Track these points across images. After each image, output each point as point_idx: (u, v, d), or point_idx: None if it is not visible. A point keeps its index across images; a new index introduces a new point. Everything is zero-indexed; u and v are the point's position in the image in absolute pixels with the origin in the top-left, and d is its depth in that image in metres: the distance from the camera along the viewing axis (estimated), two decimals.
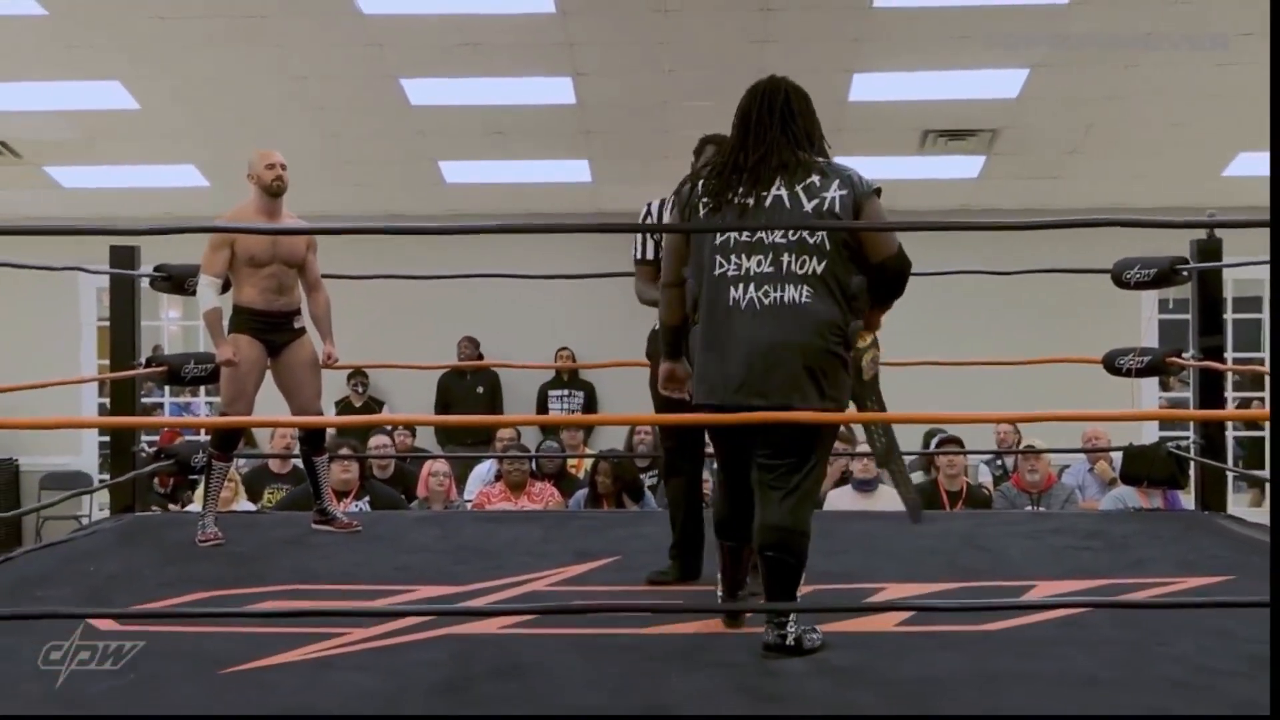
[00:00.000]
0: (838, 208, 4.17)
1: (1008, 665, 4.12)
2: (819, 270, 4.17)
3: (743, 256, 4.21)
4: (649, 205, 5.34)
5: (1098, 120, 10.89)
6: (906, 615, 4.65)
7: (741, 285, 4.19)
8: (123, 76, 10.30)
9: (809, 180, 4.24)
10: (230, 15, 9.30)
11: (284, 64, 10.05)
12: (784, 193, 4.24)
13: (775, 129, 4.34)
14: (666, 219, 4.98)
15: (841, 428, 10.12)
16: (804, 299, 4.16)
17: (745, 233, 4.21)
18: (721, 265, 4.23)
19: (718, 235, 4.24)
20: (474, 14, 9.29)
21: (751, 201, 4.25)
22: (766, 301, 4.17)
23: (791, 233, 4.18)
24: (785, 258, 4.18)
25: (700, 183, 4.36)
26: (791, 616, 4.20)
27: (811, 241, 4.17)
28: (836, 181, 4.22)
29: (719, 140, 5.12)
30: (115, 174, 12.06)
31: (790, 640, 4.18)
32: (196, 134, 11.26)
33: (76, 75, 10.22)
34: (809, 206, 4.19)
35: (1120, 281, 6.96)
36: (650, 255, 5.31)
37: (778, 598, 4.25)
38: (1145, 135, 11.12)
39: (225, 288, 6.24)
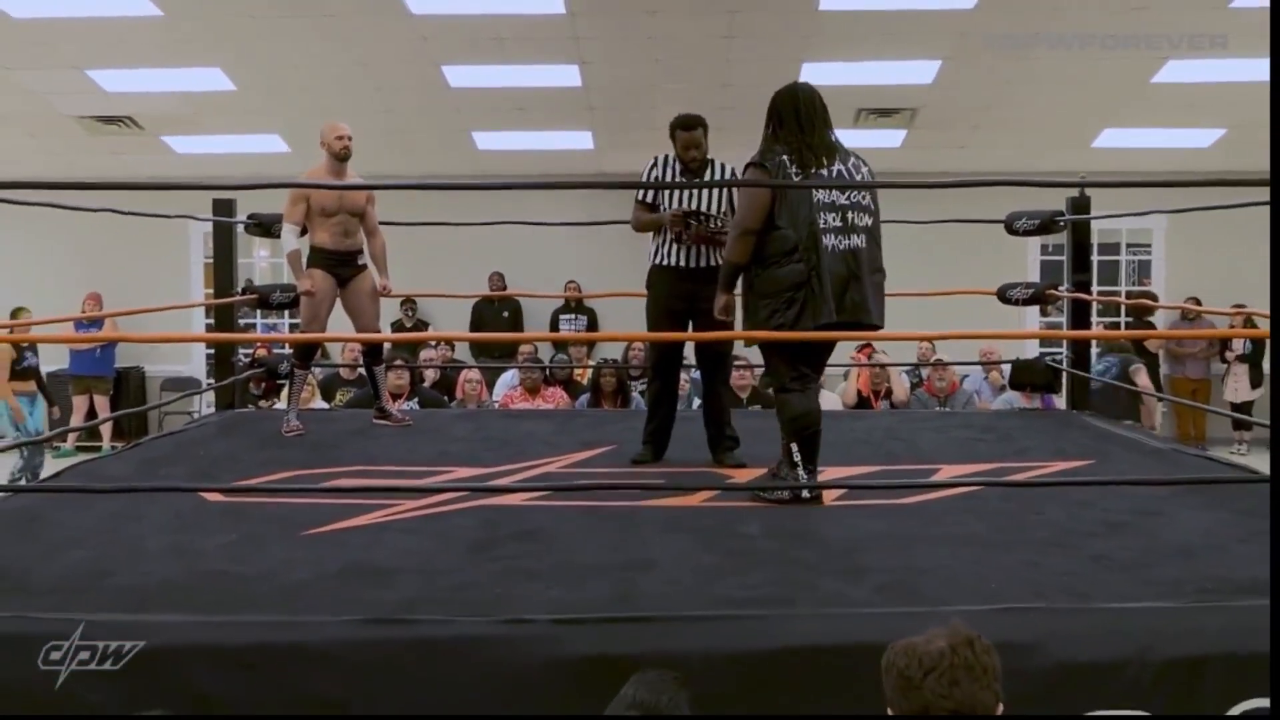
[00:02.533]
0: (869, 179, 4.57)
1: (918, 529, 4.15)
2: (869, 225, 4.47)
3: (826, 214, 4.38)
4: (655, 159, 5.36)
5: (995, 102, 10.84)
6: (841, 491, 4.69)
7: (830, 235, 4.37)
8: (222, 64, 10.25)
9: (850, 160, 4.56)
10: (308, 14, 9.29)
11: (349, 53, 9.99)
12: (841, 167, 4.51)
13: (820, 122, 4.56)
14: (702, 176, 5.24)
15: None
16: (862, 245, 4.42)
17: (829, 194, 4.39)
18: (817, 220, 4.36)
19: (815, 194, 4.38)
20: (501, 13, 9.24)
21: (825, 174, 4.46)
22: (841, 247, 4.37)
23: (853, 194, 4.44)
24: (850, 215, 4.41)
25: (786, 156, 4.44)
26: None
27: (864, 203, 4.47)
28: (862, 161, 4.61)
29: (683, 122, 5.25)
30: (216, 142, 11.98)
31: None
32: (280, 110, 11.19)
33: (185, 63, 10.18)
34: (857, 178, 4.50)
35: (1011, 230, 6.96)
36: (646, 199, 5.42)
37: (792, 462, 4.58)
38: (1032, 115, 11.07)
39: (302, 233, 6.24)
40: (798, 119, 4.53)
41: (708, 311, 5.21)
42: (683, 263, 5.28)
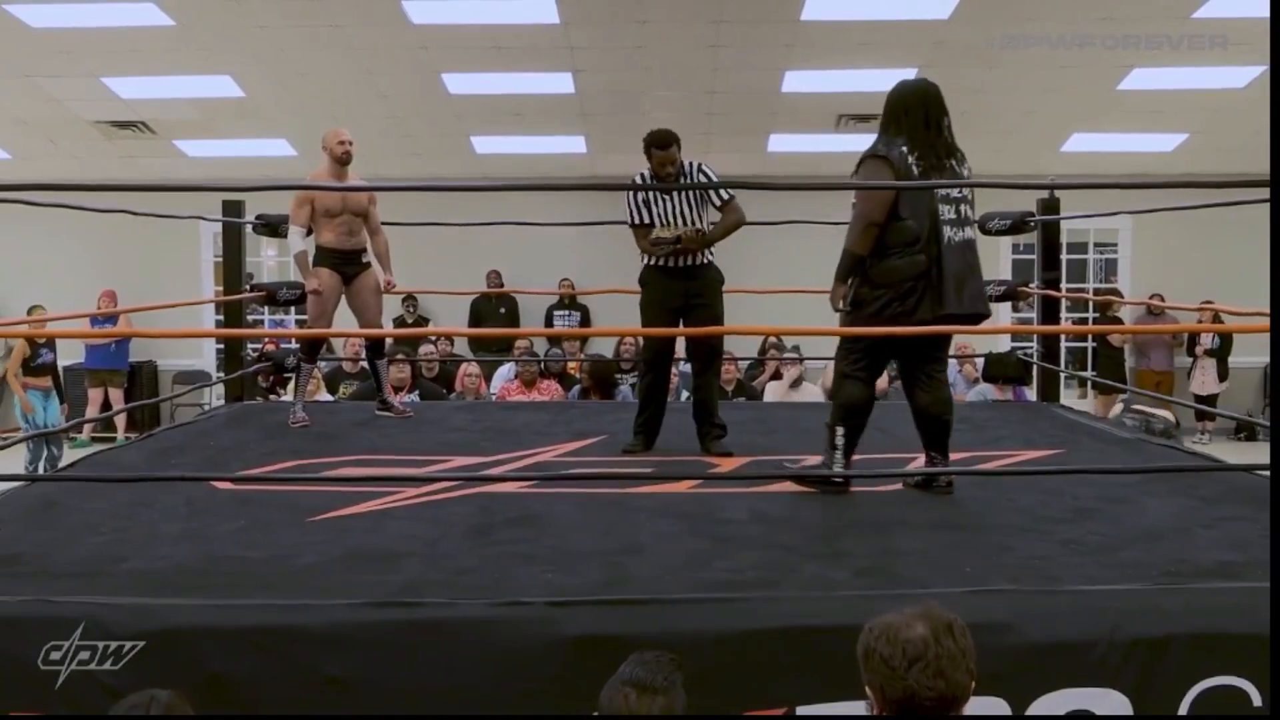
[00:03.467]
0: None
1: (895, 514, 4.16)
2: (974, 217, 4.46)
3: (944, 206, 4.27)
4: (634, 180, 5.34)
5: (969, 108, 10.76)
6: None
7: (947, 227, 4.27)
8: (233, 72, 10.23)
9: (963, 157, 4.39)
10: (315, 25, 9.28)
11: (354, 62, 9.97)
12: (954, 164, 4.34)
13: (943, 118, 4.37)
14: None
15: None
16: (973, 238, 4.39)
17: (948, 190, 4.28)
18: (939, 211, 4.26)
19: (939, 190, 4.26)
20: (498, 24, 9.24)
21: (946, 169, 4.32)
22: (957, 239, 4.29)
23: (964, 190, 4.36)
24: (962, 208, 4.33)
25: (906, 149, 4.29)
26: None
27: (971, 199, 4.41)
28: (965, 159, 4.41)
29: (657, 140, 5.19)
30: (226, 146, 11.93)
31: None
32: (288, 116, 11.16)
33: (197, 71, 10.16)
34: (967, 174, 4.38)
35: (984, 229, 6.95)
36: (638, 221, 5.36)
37: (942, 450, 4.50)
38: (1004, 119, 11.07)
39: (309, 234, 6.23)
40: (925, 115, 4.33)
41: (699, 307, 5.21)
42: (674, 262, 5.29)
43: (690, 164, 5.33)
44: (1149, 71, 9.96)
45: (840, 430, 4.44)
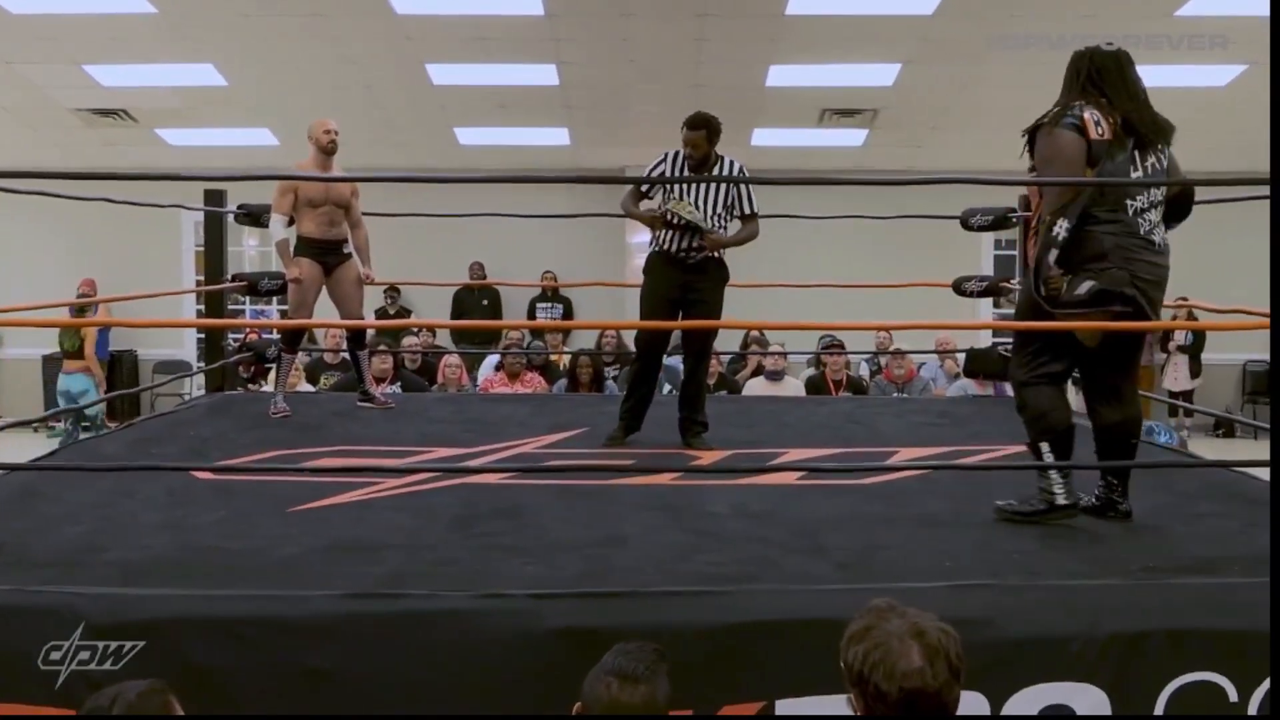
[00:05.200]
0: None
1: (877, 509, 4.17)
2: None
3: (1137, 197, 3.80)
4: (665, 154, 5.23)
5: (952, 104, 10.86)
6: (803, 473, 4.70)
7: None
8: (215, 60, 10.20)
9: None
10: (298, 14, 9.25)
11: (337, 51, 9.94)
12: (1156, 158, 3.87)
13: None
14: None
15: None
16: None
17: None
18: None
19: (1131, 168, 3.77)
20: (482, 14, 9.22)
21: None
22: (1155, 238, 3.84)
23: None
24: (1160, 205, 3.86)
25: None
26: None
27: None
28: None
29: (689, 121, 5.07)
30: (208, 135, 11.91)
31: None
32: (270, 105, 11.14)
33: (179, 59, 10.12)
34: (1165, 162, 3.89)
35: (967, 225, 6.96)
36: (647, 189, 5.34)
37: (1123, 481, 3.97)
38: (986, 116, 11.06)
39: (290, 223, 6.21)
40: (1125, 84, 3.88)
41: (698, 302, 5.19)
42: (681, 252, 5.22)
43: (731, 161, 5.25)
44: None
45: (1044, 447, 3.90)
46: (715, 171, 5.17)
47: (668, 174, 5.19)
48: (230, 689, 2.90)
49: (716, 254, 5.29)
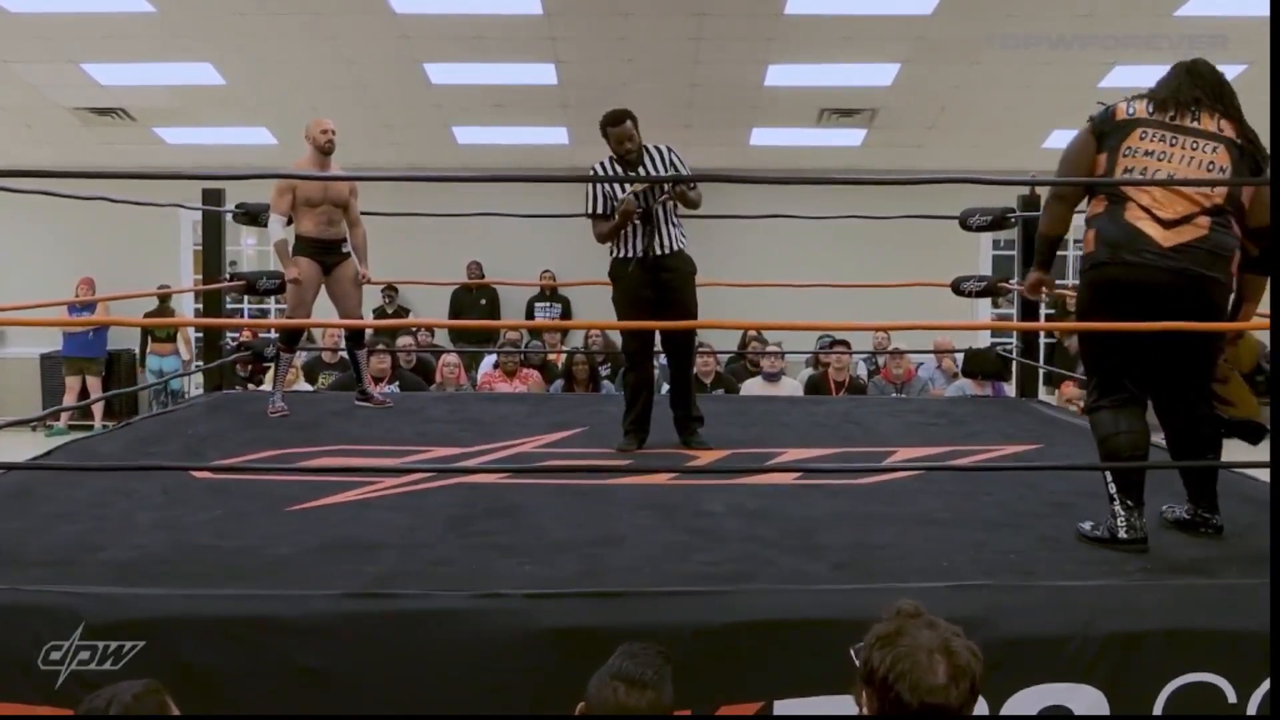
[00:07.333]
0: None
1: (874, 509, 4.16)
2: None
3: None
4: (593, 169, 5.21)
5: (950, 104, 10.86)
6: (800, 473, 4.69)
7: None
8: (213, 59, 10.18)
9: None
10: (295, 13, 9.24)
11: (335, 51, 9.93)
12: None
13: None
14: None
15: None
16: None
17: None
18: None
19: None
20: (480, 13, 9.21)
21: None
22: None
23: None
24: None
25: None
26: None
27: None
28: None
29: (611, 119, 5.07)
30: (206, 134, 11.88)
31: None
32: (268, 104, 11.12)
33: (177, 58, 10.09)
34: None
35: (965, 225, 6.96)
36: (597, 211, 5.23)
37: (1211, 499, 3.78)
38: (985, 116, 11.11)
39: (289, 223, 6.21)
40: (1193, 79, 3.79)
41: (672, 301, 5.15)
42: (643, 253, 5.18)
43: (659, 148, 5.21)
44: (1130, 69, 9.98)
45: (1107, 476, 3.65)
46: (646, 159, 5.14)
47: (602, 186, 5.17)
48: (228, 689, 2.90)
49: (677, 243, 5.19)
